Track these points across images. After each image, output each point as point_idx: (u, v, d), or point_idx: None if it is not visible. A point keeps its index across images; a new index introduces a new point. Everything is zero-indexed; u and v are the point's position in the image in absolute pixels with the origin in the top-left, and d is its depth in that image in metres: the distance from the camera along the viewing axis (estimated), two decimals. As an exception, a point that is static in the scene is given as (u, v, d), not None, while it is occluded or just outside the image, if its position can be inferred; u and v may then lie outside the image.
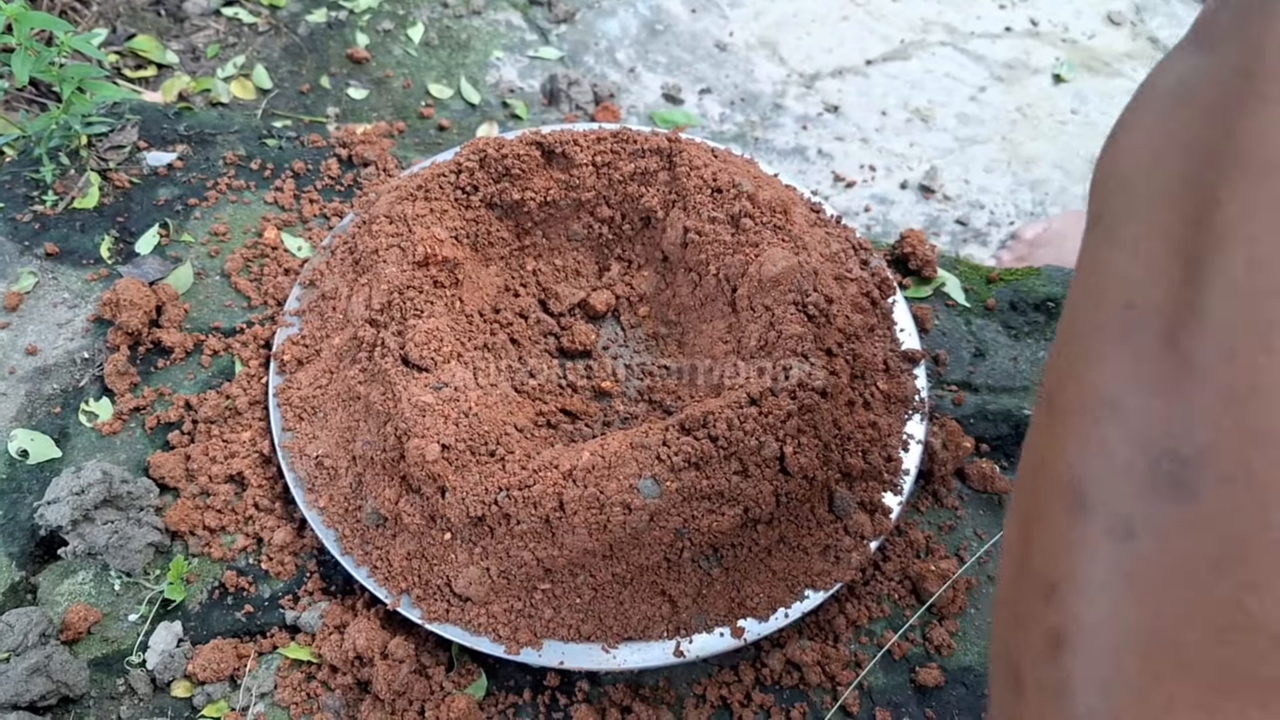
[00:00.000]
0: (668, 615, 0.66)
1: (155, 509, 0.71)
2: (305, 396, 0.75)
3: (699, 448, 0.65)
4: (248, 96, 1.09)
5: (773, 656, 0.68)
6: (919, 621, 0.71)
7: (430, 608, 0.66)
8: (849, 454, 0.71)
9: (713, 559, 0.66)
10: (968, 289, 0.91)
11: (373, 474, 0.68)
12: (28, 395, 0.77)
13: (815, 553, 0.69)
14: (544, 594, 0.66)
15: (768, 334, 0.73)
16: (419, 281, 0.73)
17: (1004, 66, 1.34)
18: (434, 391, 0.66)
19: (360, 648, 0.64)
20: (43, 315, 0.82)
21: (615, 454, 0.64)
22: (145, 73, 1.10)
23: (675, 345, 0.80)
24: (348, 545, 0.69)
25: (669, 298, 0.81)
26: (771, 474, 0.66)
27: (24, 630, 0.63)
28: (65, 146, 0.92)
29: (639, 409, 0.78)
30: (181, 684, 0.65)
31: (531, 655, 0.64)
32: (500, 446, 0.65)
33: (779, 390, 0.67)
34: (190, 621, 0.68)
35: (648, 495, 0.63)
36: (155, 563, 0.70)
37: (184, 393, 0.78)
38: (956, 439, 0.77)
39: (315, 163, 0.95)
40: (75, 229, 0.87)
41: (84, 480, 0.68)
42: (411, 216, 0.75)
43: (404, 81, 1.15)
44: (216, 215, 0.90)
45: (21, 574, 0.69)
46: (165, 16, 1.17)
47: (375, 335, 0.72)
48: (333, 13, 1.20)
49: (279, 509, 0.73)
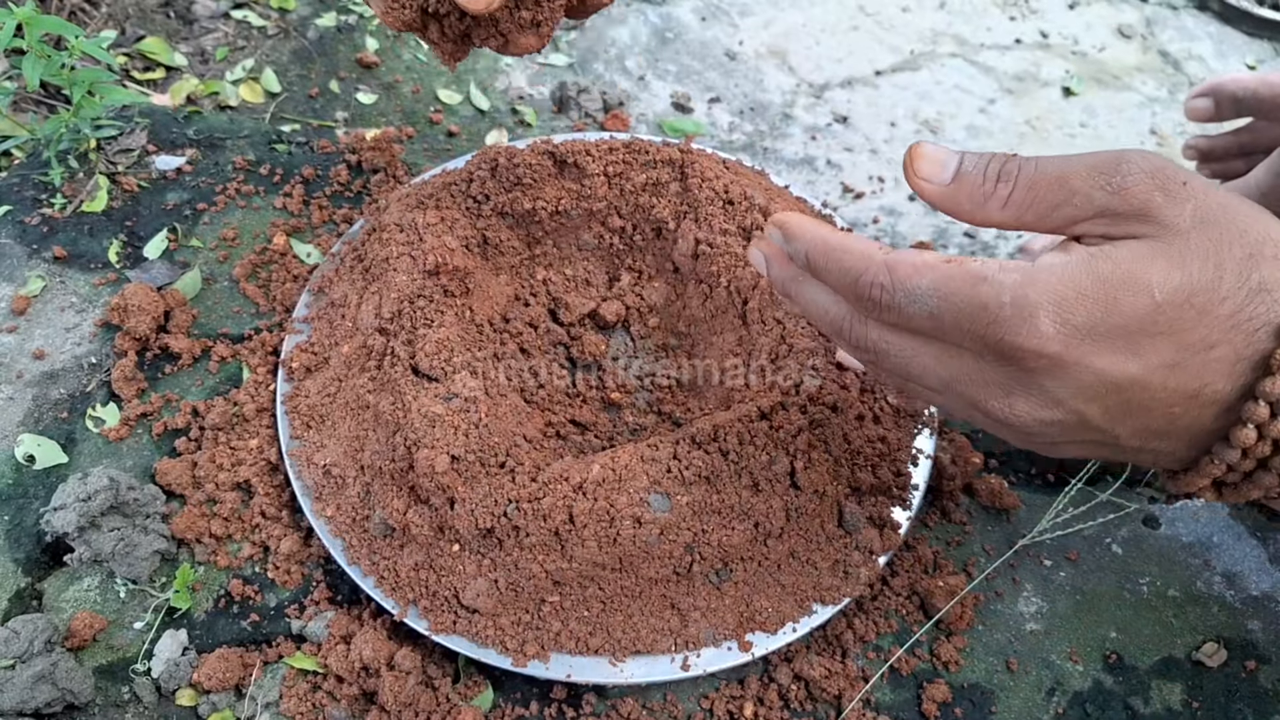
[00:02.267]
0: (676, 629, 0.66)
1: (162, 516, 0.71)
2: (313, 405, 0.75)
3: (709, 462, 0.64)
4: (256, 100, 1.09)
5: (780, 671, 0.67)
6: (926, 637, 0.70)
7: (437, 619, 0.65)
8: (859, 469, 0.71)
9: (722, 573, 0.66)
10: (977, 303, 0.90)
11: (381, 484, 0.68)
12: (35, 400, 0.77)
13: (824, 568, 0.68)
14: (552, 607, 0.65)
15: (778, 347, 0.72)
16: (429, 290, 0.72)
17: (1013, 79, 1.34)
18: (444, 402, 0.66)
19: (366, 658, 0.64)
20: (50, 319, 0.81)
21: (625, 467, 0.64)
22: (154, 75, 1.10)
23: (685, 357, 0.80)
24: (355, 555, 0.68)
25: (679, 309, 0.81)
26: (782, 489, 0.65)
27: (30, 637, 0.63)
28: (74, 150, 0.92)
29: (648, 420, 0.77)
30: (186, 692, 0.65)
31: (539, 668, 0.64)
32: (510, 458, 0.65)
33: (790, 404, 0.67)
34: (196, 630, 0.68)
35: (658, 509, 0.63)
36: (161, 570, 0.70)
37: (191, 399, 0.78)
38: (965, 454, 0.77)
39: (324, 168, 0.95)
40: (84, 233, 0.87)
41: (90, 487, 0.68)
42: (422, 225, 0.75)
43: (413, 87, 1.15)
44: (225, 220, 0.90)
45: (27, 580, 0.69)
46: (174, 19, 1.17)
47: (385, 344, 0.71)
48: (342, 17, 1.20)
49: (286, 517, 0.73)
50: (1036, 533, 0.74)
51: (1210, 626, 0.72)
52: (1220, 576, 0.75)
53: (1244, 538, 0.77)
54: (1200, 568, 0.75)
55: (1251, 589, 0.75)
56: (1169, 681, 0.70)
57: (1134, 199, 0.45)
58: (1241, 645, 0.72)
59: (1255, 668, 0.70)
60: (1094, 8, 1.48)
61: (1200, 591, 0.74)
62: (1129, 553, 0.76)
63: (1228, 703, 0.69)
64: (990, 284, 0.45)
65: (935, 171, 0.50)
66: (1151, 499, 0.80)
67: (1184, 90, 1.36)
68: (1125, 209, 0.45)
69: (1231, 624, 0.73)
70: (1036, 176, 0.47)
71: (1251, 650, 0.71)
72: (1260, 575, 0.75)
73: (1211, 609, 0.73)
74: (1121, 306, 0.43)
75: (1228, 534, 0.77)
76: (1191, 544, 0.77)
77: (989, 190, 0.49)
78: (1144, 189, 0.45)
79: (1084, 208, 0.46)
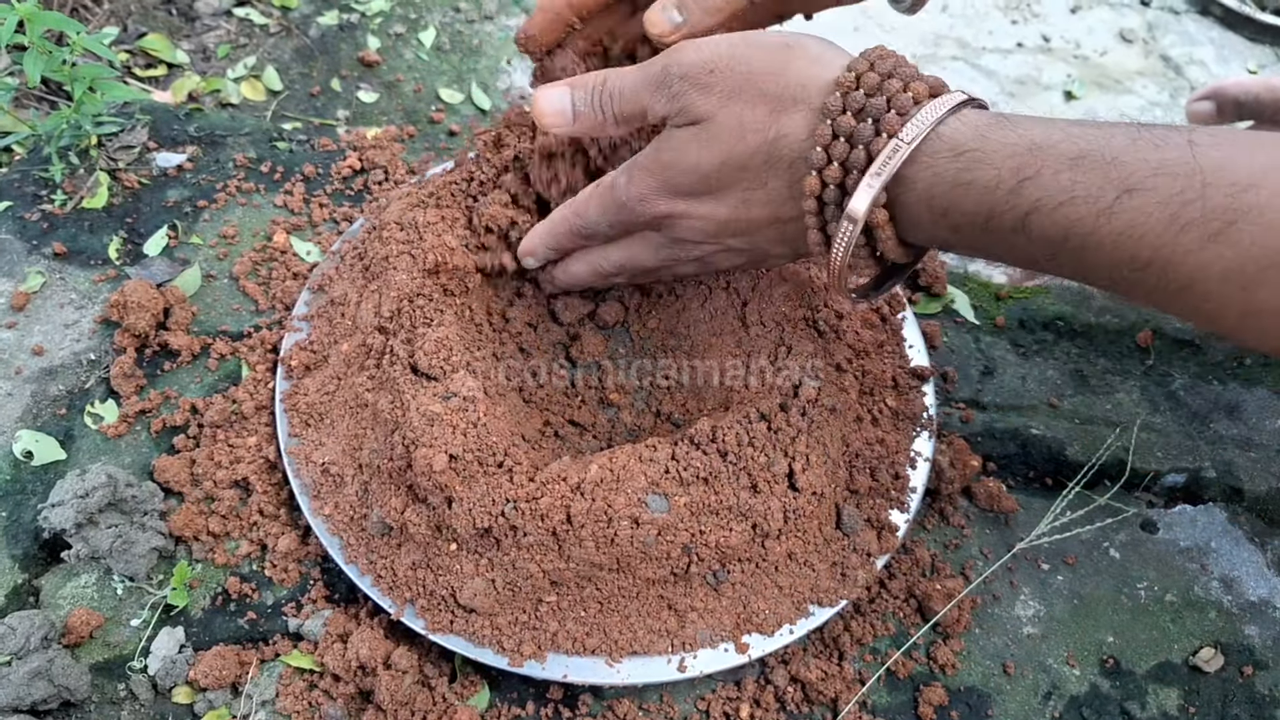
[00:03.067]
0: (673, 630, 0.66)
1: (159, 513, 0.71)
2: (312, 403, 0.75)
3: (708, 463, 0.64)
4: (258, 98, 1.09)
5: (777, 674, 0.67)
6: (923, 640, 0.70)
7: (434, 618, 0.65)
8: (857, 470, 0.71)
9: (720, 574, 0.66)
10: (977, 306, 0.90)
11: (379, 482, 0.68)
12: (33, 396, 0.77)
13: (822, 569, 0.68)
14: (549, 607, 0.65)
15: (778, 349, 0.72)
16: (429, 289, 0.72)
17: (1015, 83, 1.34)
18: (442, 401, 0.66)
19: (363, 657, 0.64)
20: (50, 316, 0.81)
21: (624, 467, 0.64)
22: (155, 72, 1.10)
23: (684, 358, 0.80)
24: (352, 554, 0.68)
25: (679, 310, 0.81)
26: (781, 490, 0.65)
27: (26, 633, 0.63)
28: (75, 146, 0.92)
29: (646, 421, 0.77)
30: (183, 690, 0.65)
31: (535, 668, 0.64)
32: (508, 458, 0.65)
33: (788, 406, 0.67)
34: (193, 627, 0.68)
35: (656, 510, 0.63)
36: (159, 568, 0.70)
37: (190, 396, 0.78)
38: (964, 457, 0.77)
39: (325, 166, 0.95)
40: (84, 229, 0.87)
41: (88, 484, 0.68)
42: (422, 224, 0.75)
43: (415, 86, 1.15)
44: (225, 218, 0.90)
45: (24, 576, 0.69)
46: (176, 16, 1.17)
47: (384, 343, 0.71)
48: (344, 15, 1.20)
49: (284, 515, 0.73)
50: (1034, 536, 0.74)
51: (1207, 631, 0.72)
52: (1218, 581, 0.75)
53: (1242, 543, 0.77)
54: (1198, 572, 0.75)
55: (1249, 594, 0.75)
56: (1166, 686, 0.70)
57: (677, 102, 0.58)
58: (1238, 650, 0.72)
59: (1252, 673, 0.70)
60: (1096, 12, 1.48)
61: (1197, 596, 0.74)
62: (1127, 557, 0.76)
63: (1224, 708, 0.69)
64: (616, 185, 0.63)
65: (558, 120, 0.64)
66: (1149, 503, 0.80)
67: (1185, 95, 1.36)
68: (675, 110, 0.59)
69: (1228, 629, 0.73)
70: (622, 104, 0.62)
71: (1248, 655, 0.71)
72: (1257, 580, 0.75)
73: (1209, 614, 0.73)
74: (684, 179, 0.60)
75: (1225, 539, 0.77)
76: (1189, 549, 0.77)
77: (600, 119, 0.63)
78: (680, 91, 0.58)
79: (656, 113, 0.60)
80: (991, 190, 0.51)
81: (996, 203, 0.51)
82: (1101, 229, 0.49)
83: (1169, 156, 0.48)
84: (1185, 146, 0.48)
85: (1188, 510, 0.79)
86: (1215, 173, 0.47)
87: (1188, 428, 0.83)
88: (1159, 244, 0.48)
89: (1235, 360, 0.88)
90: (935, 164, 0.53)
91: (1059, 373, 0.86)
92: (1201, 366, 0.88)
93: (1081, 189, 0.49)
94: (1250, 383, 0.87)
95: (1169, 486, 0.81)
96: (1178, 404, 0.85)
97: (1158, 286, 0.49)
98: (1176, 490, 0.81)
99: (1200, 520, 0.79)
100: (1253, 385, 0.86)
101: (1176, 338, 0.89)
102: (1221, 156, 0.47)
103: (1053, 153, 0.50)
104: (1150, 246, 0.48)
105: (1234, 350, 0.89)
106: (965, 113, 0.54)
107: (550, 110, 0.64)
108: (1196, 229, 0.47)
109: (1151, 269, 0.49)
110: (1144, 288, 0.50)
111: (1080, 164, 0.49)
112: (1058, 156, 0.50)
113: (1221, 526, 0.78)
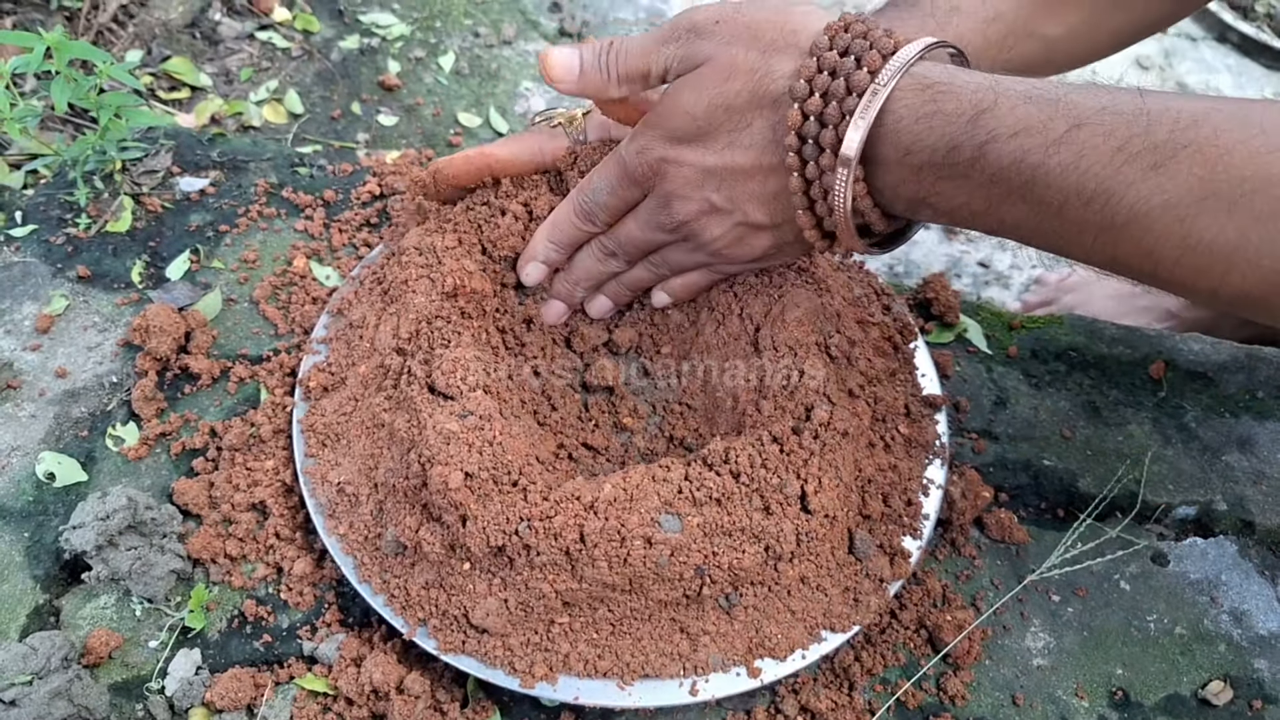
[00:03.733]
0: (685, 653, 0.66)
1: (178, 536, 0.72)
2: (329, 423, 0.76)
3: (721, 483, 0.65)
4: (279, 121, 1.11)
5: (787, 703, 0.68)
6: (934, 671, 0.71)
7: (446, 638, 0.66)
8: (869, 496, 0.72)
9: (732, 597, 0.67)
10: (989, 335, 0.91)
11: (394, 501, 0.69)
12: (56, 418, 0.78)
13: (835, 594, 0.69)
14: (561, 628, 0.66)
15: (791, 375, 0.73)
16: (447, 312, 0.73)
17: (1029, 108, 1.35)
18: (459, 419, 0.66)
19: (377, 681, 0.65)
20: (73, 338, 0.83)
21: (637, 487, 0.64)
22: (179, 94, 1.12)
23: (698, 384, 0.80)
24: (366, 573, 0.69)
25: (692, 336, 0.81)
26: (794, 512, 0.66)
27: (48, 654, 0.64)
28: (100, 170, 0.93)
29: (659, 445, 0.78)
30: (199, 711, 0.66)
31: (546, 690, 0.65)
32: (523, 476, 0.66)
33: (801, 429, 0.68)
34: (209, 649, 0.69)
35: (669, 529, 0.63)
36: (177, 590, 0.71)
37: (210, 419, 0.79)
38: (976, 488, 0.77)
39: (345, 192, 0.96)
40: (107, 252, 0.88)
41: (109, 506, 0.69)
42: (441, 248, 0.76)
43: (434, 109, 1.16)
44: (247, 242, 0.91)
45: (46, 597, 0.70)
46: (200, 40, 1.18)
47: (402, 364, 0.72)
48: (365, 39, 1.21)
49: (300, 539, 0.73)
50: (1045, 568, 0.75)
51: (1217, 665, 0.73)
52: (1228, 615, 0.75)
53: (1252, 576, 0.77)
54: (1208, 605, 0.75)
55: (1259, 628, 0.75)
56: (1174, 719, 0.70)
57: (681, 50, 0.62)
58: (1248, 684, 0.72)
59: (1261, 707, 0.70)
60: (1111, 38, 1.49)
61: (1207, 629, 0.74)
62: (1137, 589, 0.76)
63: (1234, 742, 0.69)
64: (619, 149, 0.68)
65: (565, 74, 0.66)
66: (1160, 536, 0.80)
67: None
68: (679, 58, 0.62)
69: (1238, 662, 0.73)
70: (627, 61, 0.64)
71: (1258, 689, 0.71)
72: (1268, 614, 0.75)
73: (1218, 647, 0.73)
74: (677, 122, 0.62)
75: (1236, 572, 0.77)
76: (1199, 582, 0.77)
77: (604, 78, 0.65)
78: (687, 40, 0.62)
79: (662, 68, 0.63)
80: (953, 120, 0.54)
81: (957, 133, 0.54)
82: (1050, 159, 0.52)
83: (1119, 98, 0.52)
84: (1134, 93, 0.52)
85: (1198, 543, 0.79)
86: (1160, 112, 0.50)
87: (1199, 460, 0.83)
88: (1103, 175, 0.51)
89: (1248, 393, 0.88)
90: (905, 97, 0.56)
91: (1071, 404, 0.86)
92: (1214, 399, 0.88)
93: (1035, 120, 0.52)
94: (1262, 416, 0.87)
95: (1180, 519, 0.81)
96: (1190, 436, 0.85)
97: (1103, 223, 0.52)
98: (1188, 523, 0.81)
99: (1211, 553, 0.79)
100: (1265, 418, 0.86)
101: (1189, 370, 0.90)
102: (1167, 99, 0.52)
103: (1011, 90, 0.54)
104: (1096, 178, 0.51)
105: (1247, 383, 0.89)
106: (939, 52, 0.58)
107: (559, 64, 0.66)
108: (1140, 160, 0.50)
109: (1095, 202, 0.51)
110: (1093, 227, 0.53)
111: (1034, 99, 0.53)
112: (1015, 94, 0.54)
113: (1232, 559, 0.78)
